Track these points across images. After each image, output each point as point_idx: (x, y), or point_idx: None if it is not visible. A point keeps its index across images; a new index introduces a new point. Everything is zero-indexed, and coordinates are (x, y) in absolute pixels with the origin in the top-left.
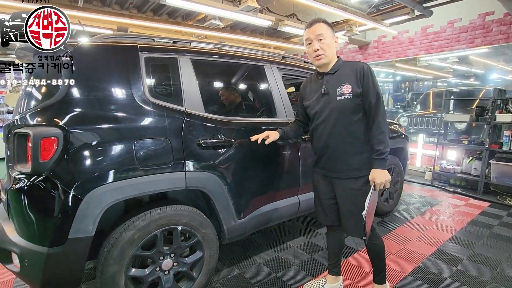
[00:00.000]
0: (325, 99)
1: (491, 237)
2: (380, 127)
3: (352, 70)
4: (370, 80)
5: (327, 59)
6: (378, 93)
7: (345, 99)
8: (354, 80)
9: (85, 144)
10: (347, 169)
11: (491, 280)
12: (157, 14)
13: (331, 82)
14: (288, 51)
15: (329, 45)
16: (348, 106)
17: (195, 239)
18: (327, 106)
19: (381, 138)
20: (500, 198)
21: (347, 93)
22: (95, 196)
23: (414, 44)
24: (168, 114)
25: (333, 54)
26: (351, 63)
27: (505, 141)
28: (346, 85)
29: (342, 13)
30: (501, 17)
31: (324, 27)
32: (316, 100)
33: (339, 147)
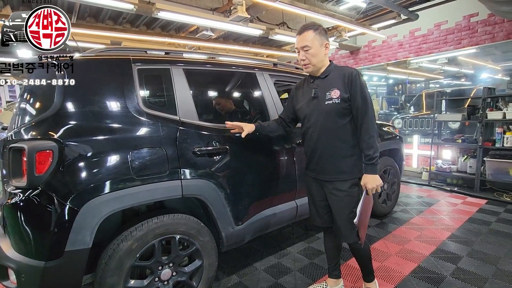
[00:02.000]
0: (314, 103)
1: (489, 233)
2: (369, 132)
3: (341, 75)
4: (358, 85)
5: (314, 67)
6: (365, 98)
7: (333, 104)
8: (342, 85)
9: (80, 156)
10: (335, 171)
11: (491, 276)
12: (150, 28)
13: (321, 86)
14: (281, 59)
15: (314, 54)
16: (335, 110)
17: (194, 248)
18: (316, 109)
19: (370, 142)
20: (496, 194)
21: (335, 97)
22: (92, 207)
23: (403, 47)
24: (163, 123)
25: (321, 61)
26: (340, 68)
27: (498, 138)
28: (335, 90)
29: (331, 20)
30: (485, 18)
31: (311, 36)
32: (306, 103)
33: (327, 150)
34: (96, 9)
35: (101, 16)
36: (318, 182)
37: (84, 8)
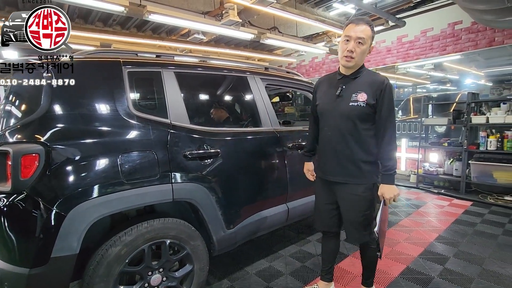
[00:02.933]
0: (337, 101)
1: (475, 234)
2: (391, 143)
3: (372, 81)
4: (387, 95)
5: (354, 63)
6: (391, 110)
7: (357, 106)
8: (371, 91)
9: (68, 159)
10: (349, 174)
11: (477, 276)
12: (141, 30)
13: (349, 86)
14: (272, 63)
15: (363, 51)
16: (358, 113)
17: (184, 252)
18: (338, 108)
19: (391, 154)
20: (481, 197)
21: (361, 101)
22: (79, 212)
23: (391, 53)
24: (153, 126)
25: (362, 60)
26: (373, 74)
27: (482, 141)
28: (362, 94)
29: (321, 25)
30: (468, 26)
31: (368, 32)
32: (328, 100)
33: (343, 151)
34: (86, 11)
35: (91, 18)
36: (328, 184)
37: (73, 9)
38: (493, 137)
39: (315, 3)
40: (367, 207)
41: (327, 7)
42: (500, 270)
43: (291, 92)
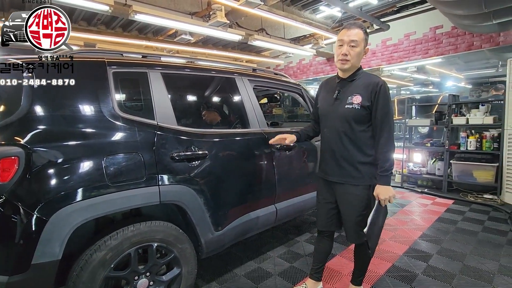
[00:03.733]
0: (335, 104)
1: (456, 232)
2: (388, 144)
3: (367, 83)
4: (381, 97)
5: (350, 66)
6: (387, 111)
7: (352, 108)
8: (366, 93)
9: (50, 162)
10: (345, 174)
11: (458, 272)
12: (126, 30)
13: (345, 89)
14: (260, 65)
15: (358, 53)
16: (353, 115)
17: (172, 255)
18: (335, 111)
19: (387, 155)
20: (462, 195)
21: (356, 103)
22: (62, 216)
23: (376, 56)
24: (139, 128)
25: (357, 62)
26: (369, 76)
27: (462, 142)
28: (357, 96)
29: (308, 28)
30: (449, 30)
31: (361, 36)
32: (327, 103)
33: (340, 152)
34: (69, 9)
35: (74, 17)
36: (328, 184)
37: None
38: (473, 137)
39: (302, 6)
40: (364, 207)
41: (314, 9)
42: (480, 266)
43: (279, 94)
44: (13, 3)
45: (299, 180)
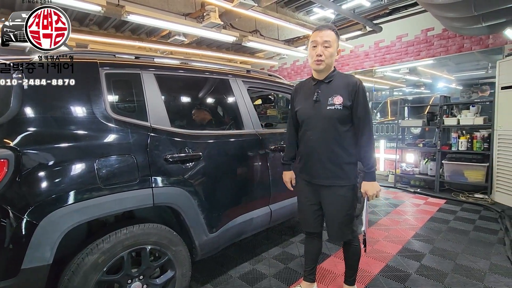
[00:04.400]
0: (316, 106)
1: (448, 231)
2: (370, 142)
3: (345, 83)
4: (360, 96)
5: (325, 66)
6: (367, 110)
7: (335, 109)
8: (346, 93)
9: (41, 165)
10: (331, 176)
11: (451, 271)
12: (119, 31)
13: (324, 90)
14: (254, 66)
15: (331, 53)
16: (336, 116)
17: (166, 258)
18: (317, 113)
19: (370, 153)
20: (454, 195)
21: (338, 104)
22: (53, 220)
23: (369, 57)
24: (132, 130)
25: (332, 63)
26: (345, 76)
27: (453, 142)
28: (338, 97)
29: (302, 29)
30: (440, 32)
31: (333, 36)
32: (307, 106)
33: (325, 154)
34: None
35: None
36: (312, 186)
37: None
38: (464, 138)
39: (295, 7)
40: (349, 207)
41: (308, 11)
42: (472, 265)
43: (273, 95)
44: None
45: None
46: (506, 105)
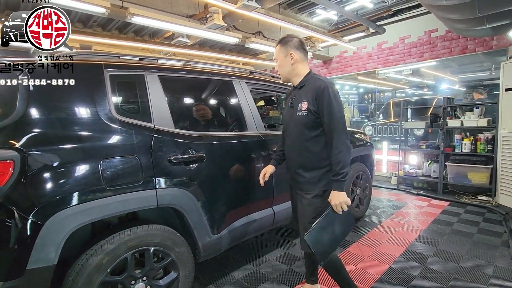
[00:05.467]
0: (290, 112)
1: (452, 233)
2: (337, 146)
3: (312, 88)
4: (325, 100)
5: (283, 78)
6: (331, 113)
7: (301, 115)
8: (311, 98)
9: (46, 166)
10: (302, 181)
11: (455, 274)
12: (122, 32)
13: (297, 96)
14: (257, 67)
15: (279, 65)
16: (304, 122)
17: (169, 259)
18: (291, 119)
19: (338, 157)
20: (457, 197)
21: (304, 109)
22: (58, 221)
23: (372, 59)
24: (136, 131)
25: (289, 71)
26: (315, 80)
27: (457, 144)
28: (304, 102)
29: (305, 31)
30: (443, 34)
31: (277, 49)
32: (286, 112)
33: (296, 159)
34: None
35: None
36: (293, 190)
37: None
38: (467, 139)
39: (298, 9)
40: (315, 214)
41: (310, 13)
42: (476, 267)
43: (276, 96)
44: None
45: None
46: (510, 107)
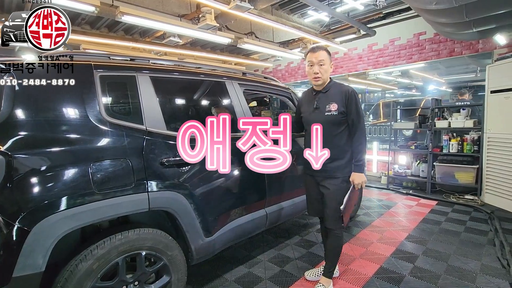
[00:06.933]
0: (316, 113)
1: (440, 232)
2: (361, 141)
3: (339, 92)
4: (353, 102)
5: (323, 81)
6: (359, 113)
7: (331, 115)
8: (340, 100)
9: (33, 170)
10: (328, 170)
11: (443, 273)
12: (112, 31)
13: (322, 99)
14: (249, 67)
15: (326, 70)
16: (333, 120)
17: (161, 263)
18: (317, 118)
19: (360, 148)
20: (445, 196)
21: (334, 110)
22: (46, 226)
23: (362, 60)
24: (128, 133)
25: (328, 77)
26: (339, 86)
27: (444, 144)
28: (334, 104)
29: (297, 32)
30: (432, 36)
31: (325, 55)
32: (309, 112)
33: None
34: None
35: None
36: (314, 179)
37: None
38: (455, 140)
39: (290, 10)
40: (342, 196)
41: (302, 14)
42: (463, 266)
43: (268, 97)
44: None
45: (289, 183)
46: (495, 108)
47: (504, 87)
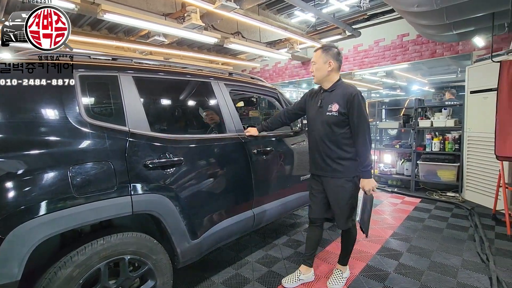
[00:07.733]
0: (319, 111)
1: (424, 229)
2: (365, 145)
3: (343, 93)
4: (355, 105)
5: (317, 79)
6: (361, 116)
7: (331, 115)
8: (342, 102)
9: (8, 173)
10: (330, 170)
11: (426, 269)
12: (95, 29)
13: (326, 98)
14: (236, 67)
15: (317, 68)
16: (332, 121)
17: (146, 268)
18: (320, 117)
19: (365, 154)
20: (428, 193)
21: (334, 111)
22: (21, 233)
23: (348, 61)
24: (109, 135)
25: (324, 76)
26: (346, 87)
27: (427, 143)
28: (335, 104)
29: (283, 32)
30: (414, 38)
31: (317, 54)
32: (313, 110)
33: (324, 152)
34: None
35: None
36: (319, 179)
37: (13, 4)
38: (437, 139)
39: (277, 10)
40: (349, 196)
41: (289, 14)
42: (446, 262)
43: (255, 97)
44: None
45: (277, 184)
46: (475, 108)
47: (482, 88)
